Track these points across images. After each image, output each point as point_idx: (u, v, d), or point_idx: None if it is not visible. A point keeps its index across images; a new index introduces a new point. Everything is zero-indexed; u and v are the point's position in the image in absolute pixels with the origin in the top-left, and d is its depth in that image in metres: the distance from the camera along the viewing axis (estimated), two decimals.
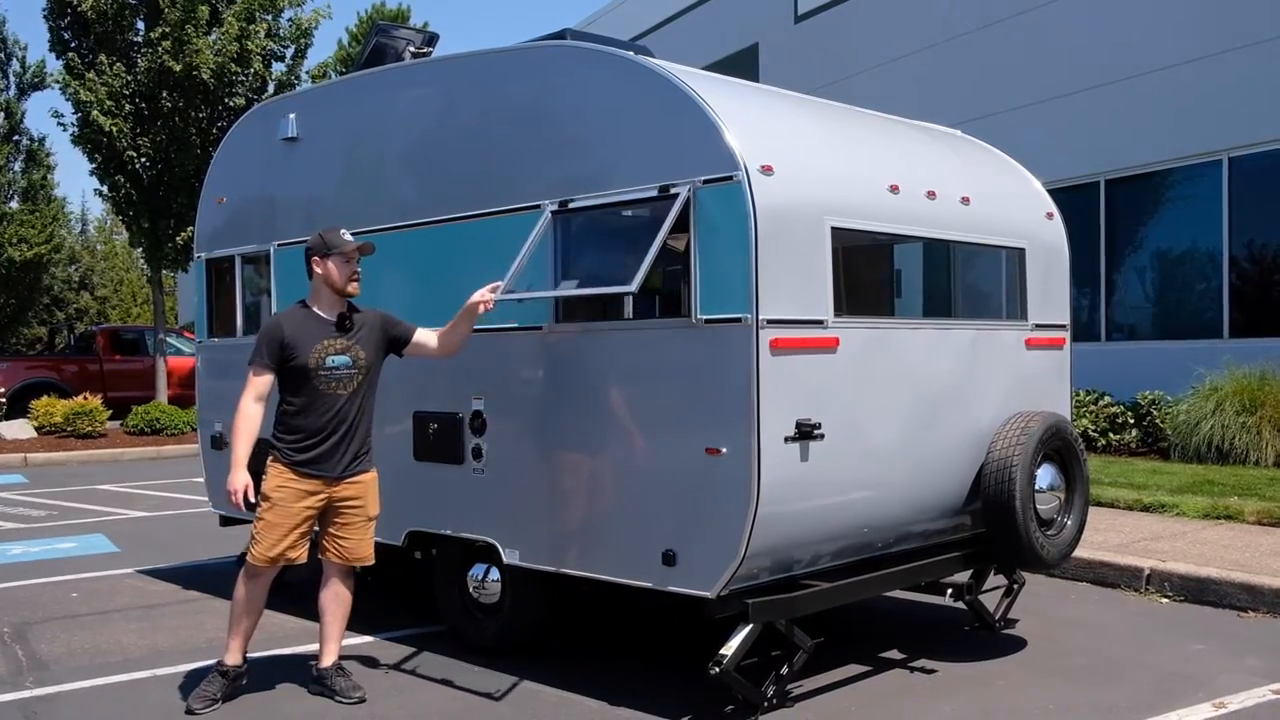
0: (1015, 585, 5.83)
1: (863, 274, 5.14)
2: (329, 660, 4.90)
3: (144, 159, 17.34)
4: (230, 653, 4.85)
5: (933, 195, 5.12)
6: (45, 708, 4.84)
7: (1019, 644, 5.57)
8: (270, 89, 17.66)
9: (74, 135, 17.19)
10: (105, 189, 17.95)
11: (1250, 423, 10.09)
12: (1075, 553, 5.81)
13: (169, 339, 19.79)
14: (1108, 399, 11.65)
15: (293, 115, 6.39)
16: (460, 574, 5.47)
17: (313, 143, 6.33)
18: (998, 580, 5.74)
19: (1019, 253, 5.62)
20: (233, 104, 17.13)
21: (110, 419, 17.04)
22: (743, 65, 18.38)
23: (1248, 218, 12.12)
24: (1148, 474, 9.61)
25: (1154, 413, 11.27)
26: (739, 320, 4.20)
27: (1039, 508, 5.13)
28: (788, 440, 4.28)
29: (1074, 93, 13.70)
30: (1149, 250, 13.35)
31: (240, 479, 4.61)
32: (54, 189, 29.10)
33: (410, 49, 6.18)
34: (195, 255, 7.26)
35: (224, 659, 4.86)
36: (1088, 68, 13.53)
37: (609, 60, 4.86)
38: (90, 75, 16.74)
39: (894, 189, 4.92)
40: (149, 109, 17.21)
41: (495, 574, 5.31)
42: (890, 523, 4.93)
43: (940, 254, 5.51)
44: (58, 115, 17.48)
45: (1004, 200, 5.74)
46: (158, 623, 6.25)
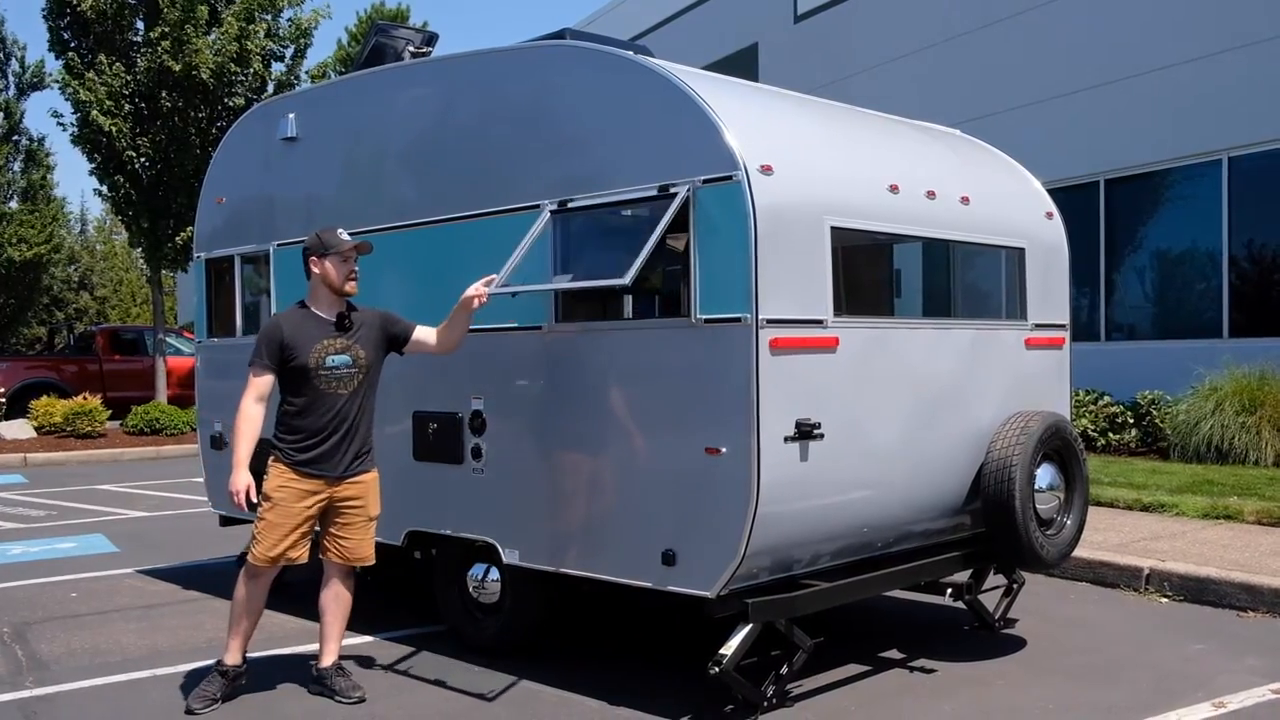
0: (1015, 585, 5.83)
1: (862, 274, 5.14)
2: (329, 660, 4.90)
3: (143, 159, 17.34)
4: (230, 652, 4.85)
5: (932, 195, 5.13)
6: (45, 708, 4.84)
7: (1019, 644, 5.57)
8: (270, 89, 17.66)
9: (73, 135, 17.18)
10: (105, 189, 17.95)
11: (1250, 422, 10.09)
12: (1075, 552, 5.82)
13: (168, 339, 19.79)
14: (1107, 399, 11.66)
15: (292, 115, 6.39)
16: (460, 574, 5.47)
17: (312, 142, 6.33)
18: (997, 580, 5.75)
19: (1019, 252, 5.62)
20: (232, 104, 17.13)
21: (110, 419, 17.03)
22: (742, 65, 18.38)
23: (1247, 217, 12.13)
24: (1147, 474, 9.61)
25: (1153, 412, 11.27)
26: (739, 320, 4.20)
27: (1038, 507, 5.13)
28: (787, 440, 4.28)
29: (1073, 92, 13.71)
30: (1148, 250, 13.35)
31: (242, 479, 4.61)
32: (53, 189, 29.15)
33: (410, 49, 6.18)
34: (194, 255, 7.25)
35: (224, 659, 4.86)
36: (1087, 67, 13.54)
37: (608, 60, 4.86)
38: (90, 75, 16.73)
39: (894, 189, 4.92)
40: (148, 109, 17.21)
41: (495, 574, 5.31)
42: (890, 522, 4.93)
43: (940, 254, 5.51)
44: (57, 115, 17.50)
45: (1003, 200, 5.75)
46: (157, 623, 6.25)
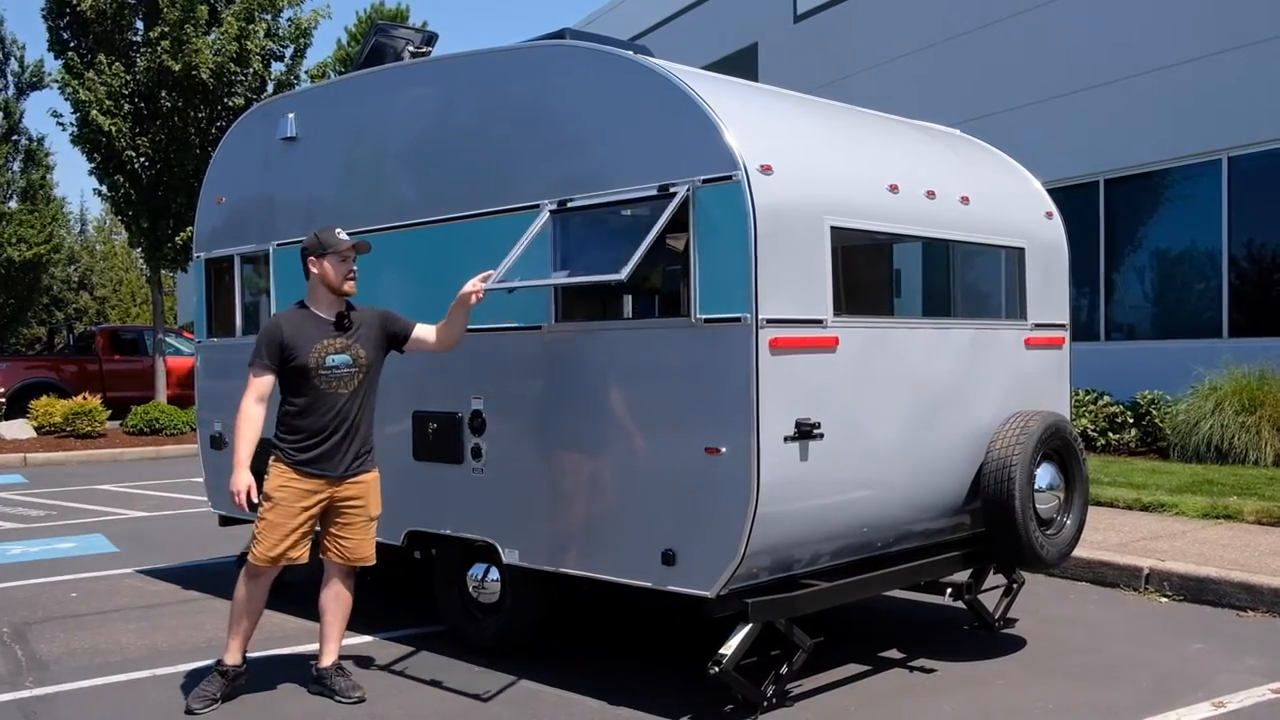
0: (1014, 585, 5.83)
1: (862, 273, 5.14)
2: (329, 660, 4.90)
3: (143, 159, 17.34)
4: (230, 652, 4.85)
5: (932, 195, 5.13)
6: (44, 708, 4.84)
7: (1018, 643, 5.57)
8: (269, 89, 17.66)
9: (73, 135, 17.19)
10: (104, 189, 17.95)
11: (1249, 422, 10.09)
12: (1074, 552, 5.81)
13: (168, 339, 19.79)
14: (1107, 398, 11.66)
15: (292, 115, 6.39)
16: (460, 574, 5.47)
17: (312, 142, 6.33)
18: (997, 580, 5.75)
19: (1018, 252, 5.62)
20: (232, 104, 17.13)
21: (109, 419, 17.03)
22: (742, 65, 18.39)
23: (1247, 217, 12.13)
24: (1147, 473, 9.61)
25: (1153, 412, 11.27)
26: (738, 320, 4.20)
27: (1038, 507, 5.13)
28: (787, 440, 4.28)
29: (1073, 92, 13.71)
30: (1148, 250, 13.35)
31: (243, 479, 4.62)
32: (53, 189, 29.14)
33: (409, 48, 6.18)
34: (194, 255, 7.25)
35: (224, 659, 4.86)
36: (1087, 67, 13.54)
37: (608, 60, 4.86)
38: (89, 75, 16.73)
39: (893, 189, 4.92)
40: (148, 109, 17.21)
41: (495, 574, 5.31)
42: (890, 522, 4.93)
43: (940, 253, 5.52)
44: (57, 115, 17.51)
45: (1003, 200, 5.75)
46: (157, 623, 6.25)
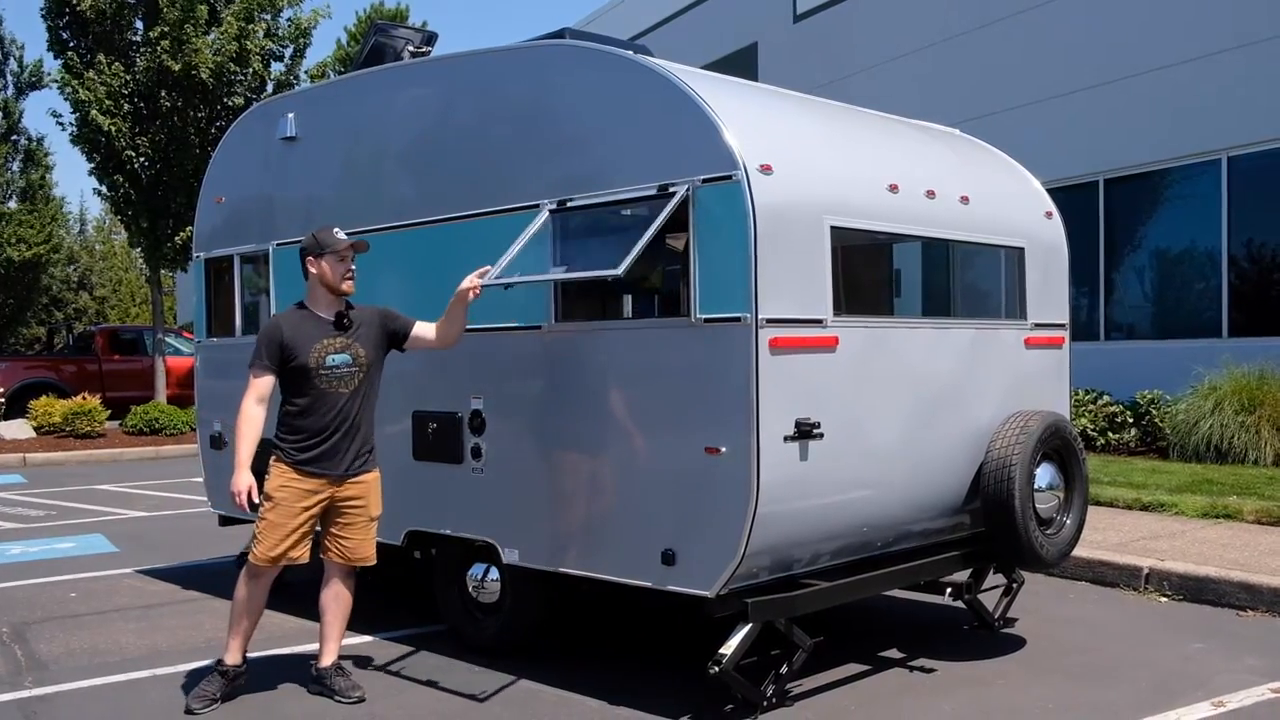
0: (1014, 584, 5.83)
1: (862, 273, 5.14)
2: (329, 660, 4.90)
3: (143, 158, 17.34)
4: (230, 652, 4.85)
5: (932, 194, 5.13)
6: (44, 708, 4.84)
7: (1018, 643, 5.57)
8: (269, 88, 17.66)
9: (73, 135, 17.18)
10: (104, 189, 17.94)
11: (1249, 422, 10.10)
12: (1074, 552, 5.81)
13: (168, 339, 19.79)
14: (1107, 398, 11.66)
15: (291, 115, 6.39)
16: (460, 573, 5.47)
17: (311, 142, 6.32)
18: (997, 579, 5.75)
19: (1018, 252, 5.62)
20: (231, 103, 17.13)
21: (109, 419, 17.02)
22: (741, 65, 18.39)
23: (1246, 217, 12.13)
24: (1147, 473, 9.61)
25: (1153, 412, 11.27)
26: (738, 319, 4.20)
27: (1038, 507, 5.13)
28: (787, 439, 4.28)
29: (1073, 92, 13.71)
30: (1148, 250, 13.36)
31: (244, 480, 4.62)
32: (52, 189, 29.14)
33: (409, 48, 6.18)
34: (194, 255, 7.25)
35: (223, 658, 4.86)
36: (1086, 67, 13.54)
37: (608, 59, 4.86)
38: (89, 75, 16.72)
39: (893, 188, 4.92)
40: (148, 108, 17.21)
41: (495, 573, 5.31)
42: (889, 522, 4.93)
43: (939, 253, 5.51)
44: (56, 115, 17.52)
45: (1003, 199, 5.75)
46: (156, 623, 6.25)
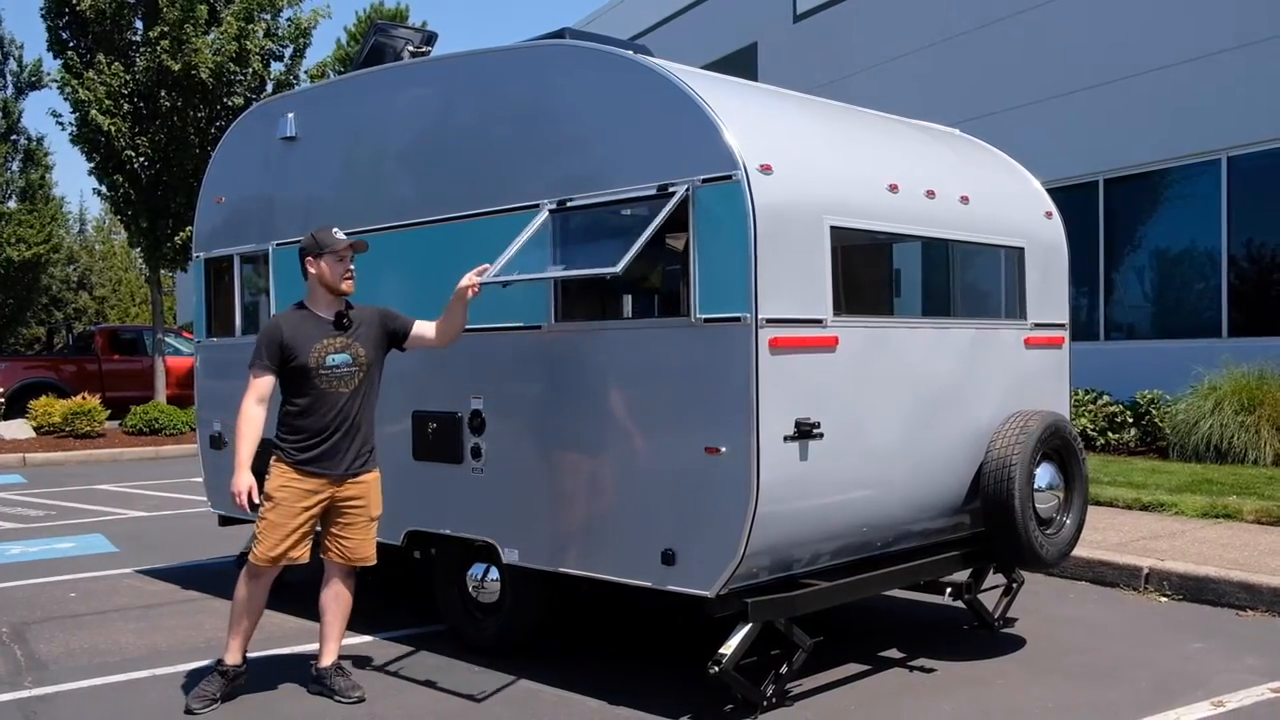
0: (1014, 584, 5.83)
1: (862, 273, 5.14)
2: (328, 660, 4.90)
3: (142, 158, 17.34)
4: (230, 652, 4.85)
5: (932, 194, 5.12)
6: (44, 708, 4.83)
7: (1018, 643, 5.57)
8: (269, 88, 17.66)
9: (72, 135, 17.18)
10: (104, 188, 17.93)
11: (1249, 422, 10.10)
12: (1074, 552, 5.81)
13: (167, 339, 19.78)
14: (1106, 398, 11.66)
15: (291, 115, 6.39)
16: (460, 573, 5.47)
17: (311, 142, 6.32)
18: (997, 579, 5.75)
19: (1018, 252, 5.62)
20: (231, 103, 17.13)
21: (109, 419, 17.02)
22: (741, 64, 18.39)
23: (1246, 217, 12.14)
24: (1146, 473, 9.61)
25: (1153, 412, 11.27)
26: (738, 319, 4.20)
27: (1038, 507, 5.13)
28: (787, 439, 4.28)
29: (1072, 92, 13.71)
30: (1148, 249, 13.36)
31: (244, 480, 4.62)
32: (52, 188, 29.15)
33: (409, 48, 6.18)
34: (194, 255, 7.25)
35: (223, 658, 4.86)
36: (1086, 67, 13.55)
37: (608, 59, 4.85)
38: (89, 74, 16.72)
39: (893, 188, 4.92)
40: (147, 108, 17.20)
41: (495, 573, 5.31)
42: (889, 522, 4.93)
43: (939, 253, 5.51)
44: (56, 115, 17.52)
45: (1003, 199, 5.75)
46: (156, 623, 6.24)
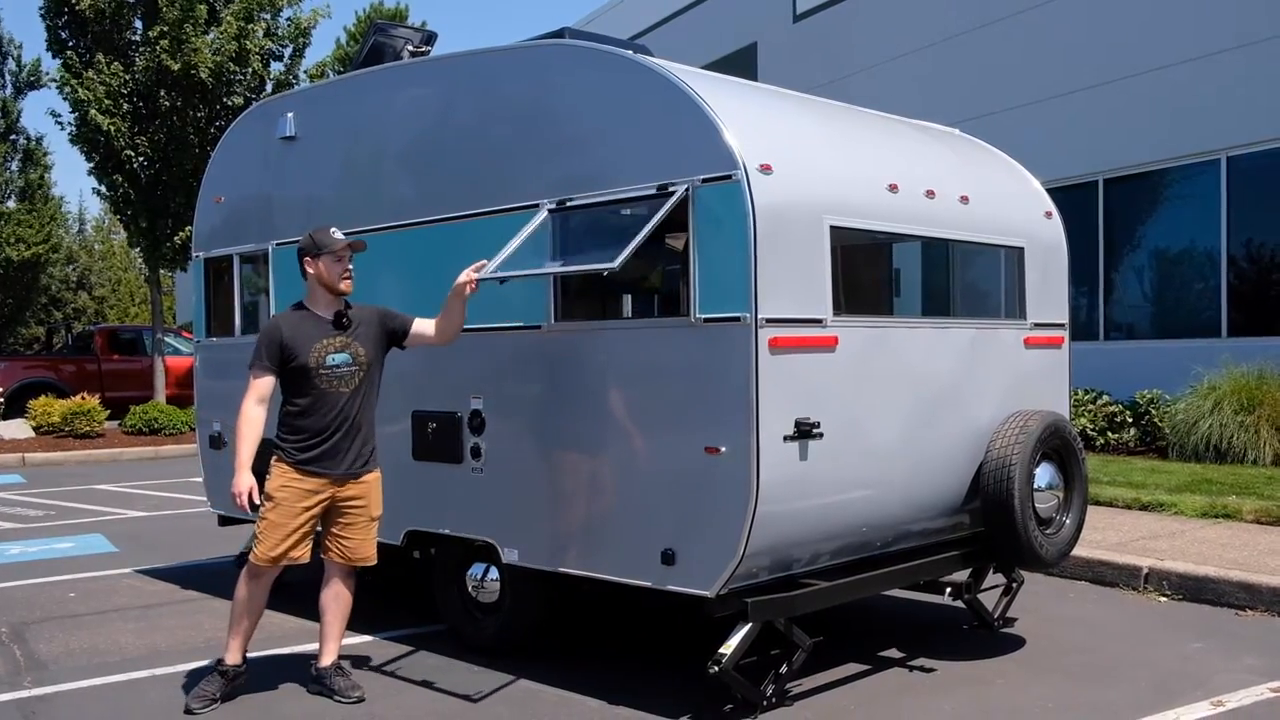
0: (1014, 584, 5.83)
1: (862, 273, 5.14)
2: (328, 660, 4.90)
3: (142, 158, 17.33)
4: (230, 652, 4.85)
5: (931, 194, 5.13)
6: (43, 708, 4.83)
7: (1018, 642, 5.58)
8: (268, 88, 17.65)
9: (71, 134, 17.17)
10: (103, 188, 17.92)
11: (1248, 422, 10.10)
12: (1074, 551, 5.82)
13: (167, 339, 19.78)
14: (1106, 398, 11.66)
15: (291, 114, 6.39)
16: (459, 573, 5.47)
17: (311, 142, 6.32)
18: (996, 579, 5.75)
19: (1018, 252, 5.62)
20: (231, 103, 17.12)
21: (108, 419, 17.02)
22: (741, 64, 18.39)
23: (1246, 217, 12.14)
24: (1146, 473, 9.61)
25: (1152, 412, 11.28)
26: (738, 319, 4.20)
27: (1037, 506, 5.13)
28: (787, 439, 4.28)
29: (1072, 92, 13.71)
30: (1147, 249, 13.36)
31: (245, 481, 4.62)
32: (51, 188, 29.14)
33: (408, 48, 6.18)
34: (193, 255, 7.25)
35: (223, 658, 4.86)
36: (1086, 67, 13.55)
37: (608, 59, 4.85)
38: (88, 74, 16.71)
39: (893, 188, 4.92)
40: (147, 108, 17.20)
41: (494, 573, 5.31)
42: (889, 522, 4.93)
43: (939, 253, 5.52)
44: (55, 115, 17.51)
45: (1003, 199, 5.75)
46: (156, 622, 6.24)
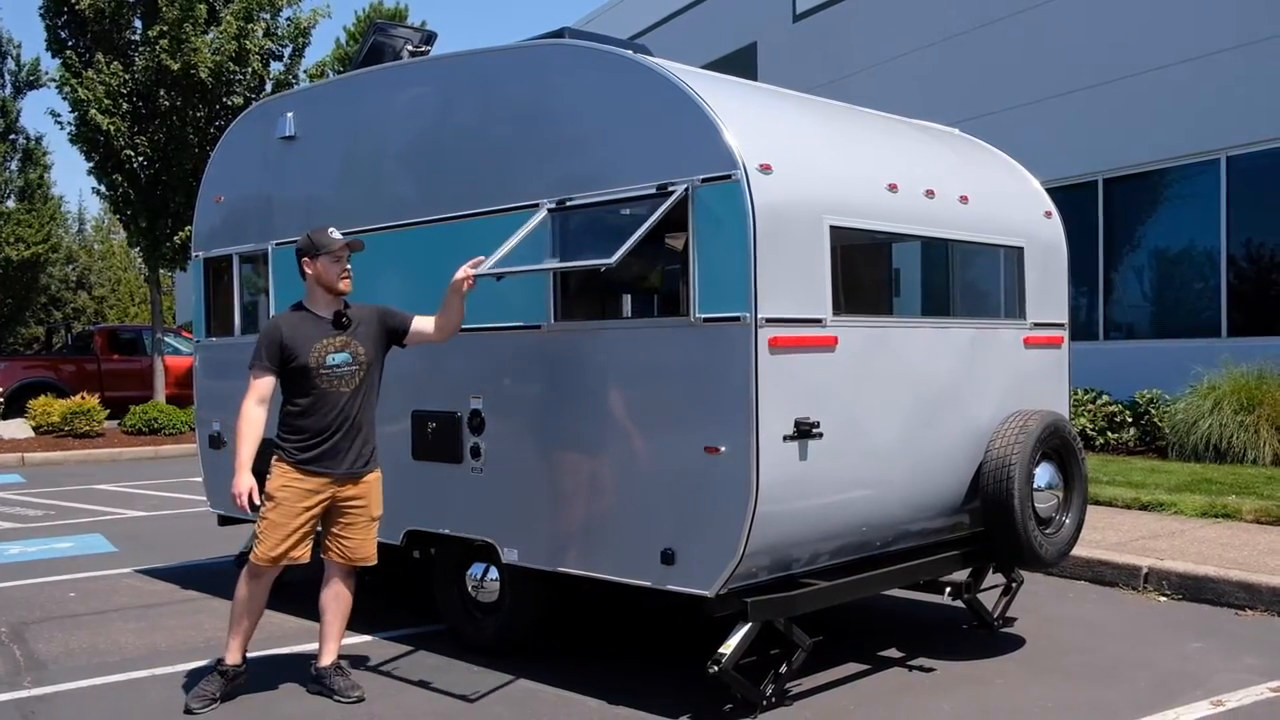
0: (1013, 584, 5.83)
1: (861, 273, 5.14)
2: (328, 659, 4.90)
3: (141, 158, 17.33)
4: (230, 652, 4.85)
5: (931, 194, 5.13)
6: (43, 707, 4.83)
7: (1017, 642, 5.58)
8: (268, 88, 17.65)
9: (71, 134, 17.17)
10: (103, 188, 17.92)
11: (1248, 421, 10.10)
12: (1073, 551, 5.81)
13: (167, 338, 19.78)
14: (1106, 398, 11.66)
15: (290, 114, 6.39)
16: (459, 573, 5.47)
17: (310, 142, 6.32)
18: (996, 579, 5.75)
19: (1017, 251, 5.62)
20: (231, 103, 17.12)
21: (108, 419, 17.03)
22: (741, 64, 18.39)
23: (1245, 217, 12.14)
24: (1146, 472, 9.61)
25: (1152, 411, 11.28)
26: (738, 319, 4.20)
27: (1037, 506, 5.13)
28: (786, 439, 4.28)
29: (1072, 92, 13.72)
30: (1147, 249, 13.36)
31: (244, 482, 4.61)
32: (51, 188, 29.13)
33: (408, 48, 6.18)
34: (193, 254, 7.25)
35: (223, 658, 4.86)
36: (1086, 67, 13.55)
37: (607, 59, 4.85)
38: (88, 74, 16.71)
39: (892, 188, 4.92)
40: (146, 108, 17.19)
41: (494, 573, 5.31)
42: (889, 521, 4.93)
43: (939, 253, 5.52)
44: (55, 115, 17.50)
45: (1002, 199, 5.75)
46: (156, 622, 6.24)
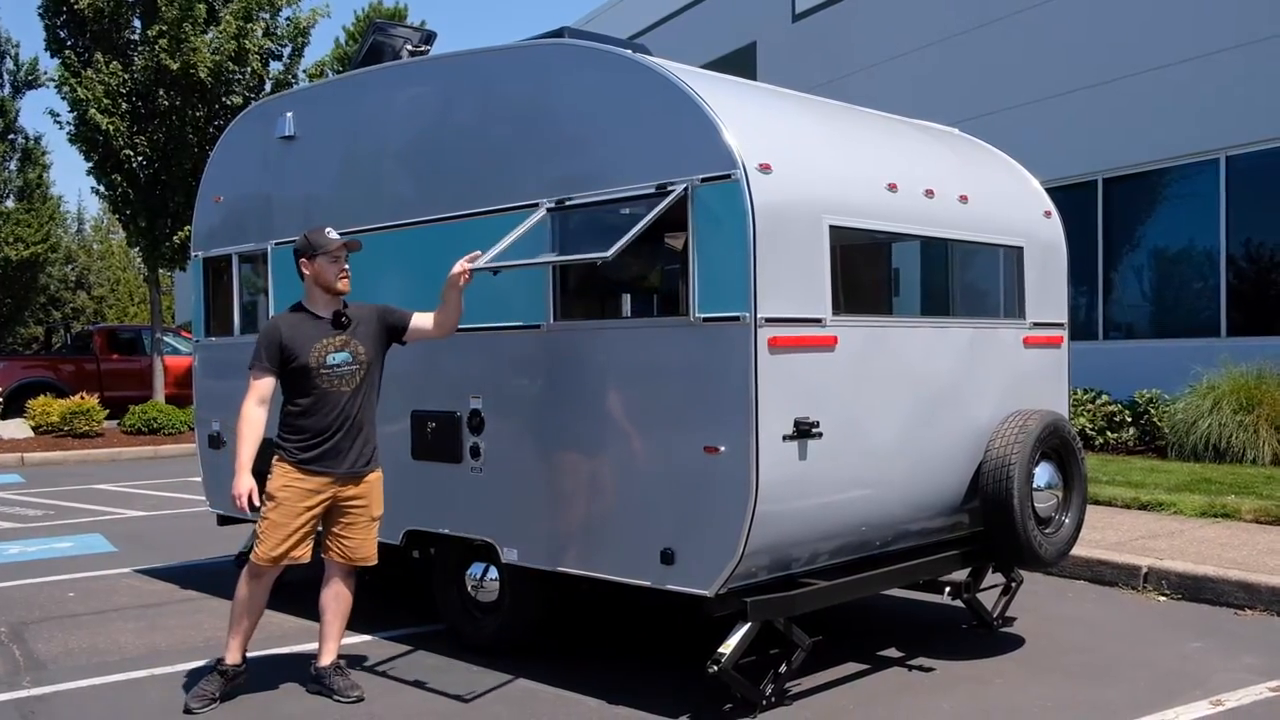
0: (1013, 583, 5.84)
1: (861, 272, 5.14)
2: (328, 659, 4.90)
3: (141, 158, 17.33)
4: (230, 652, 4.85)
5: (931, 194, 5.13)
6: (42, 707, 4.83)
7: (1017, 642, 5.58)
8: (268, 87, 17.65)
9: (70, 134, 17.16)
10: (102, 188, 17.91)
11: (1247, 421, 10.10)
12: (1073, 551, 5.81)
13: (166, 338, 19.78)
14: (1105, 397, 11.66)
15: (290, 114, 6.38)
16: (459, 573, 5.47)
17: (310, 141, 6.32)
18: (996, 578, 5.75)
19: (1017, 251, 5.62)
20: (230, 102, 17.12)
21: (107, 418, 17.02)
22: (740, 64, 18.39)
23: (1245, 216, 12.15)
24: (1145, 472, 9.62)
25: (1151, 411, 11.28)
26: (737, 319, 4.20)
27: (1037, 506, 5.13)
28: (786, 439, 4.28)
29: (1071, 91, 13.72)
30: (1146, 249, 13.37)
31: (245, 483, 4.61)
32: (50, 188, 29.12)
33: (408, 47, 6.17)
34: (192, 254, 7.25)
35: (223, 658, 4.86)
36: (1085, 67, 13.55)
37: (607, 59, 4.85)
38: (87, 73, 16.70)
39: (892, 187, 4.92)
40: (146, 107, 17.19)
41: (494, 573, 5.31)
42: (888, 521, 4.93)
43: (938, 252, 5.52)
44: (54, 114, 17.49)
45: (1002, 199, 5.75)
46: (155, 622, 6.24)
